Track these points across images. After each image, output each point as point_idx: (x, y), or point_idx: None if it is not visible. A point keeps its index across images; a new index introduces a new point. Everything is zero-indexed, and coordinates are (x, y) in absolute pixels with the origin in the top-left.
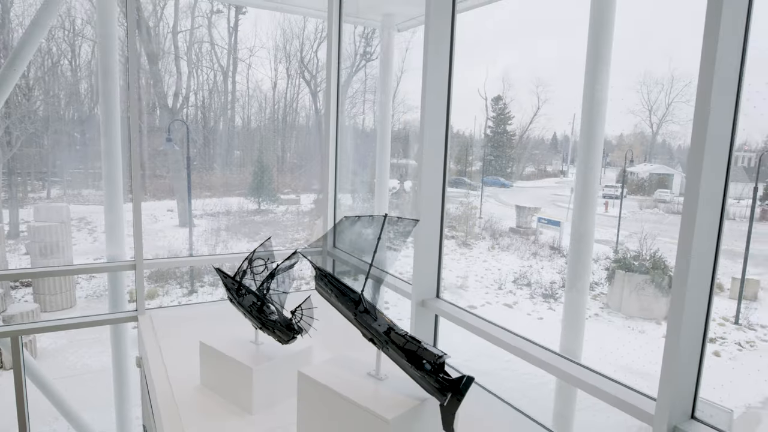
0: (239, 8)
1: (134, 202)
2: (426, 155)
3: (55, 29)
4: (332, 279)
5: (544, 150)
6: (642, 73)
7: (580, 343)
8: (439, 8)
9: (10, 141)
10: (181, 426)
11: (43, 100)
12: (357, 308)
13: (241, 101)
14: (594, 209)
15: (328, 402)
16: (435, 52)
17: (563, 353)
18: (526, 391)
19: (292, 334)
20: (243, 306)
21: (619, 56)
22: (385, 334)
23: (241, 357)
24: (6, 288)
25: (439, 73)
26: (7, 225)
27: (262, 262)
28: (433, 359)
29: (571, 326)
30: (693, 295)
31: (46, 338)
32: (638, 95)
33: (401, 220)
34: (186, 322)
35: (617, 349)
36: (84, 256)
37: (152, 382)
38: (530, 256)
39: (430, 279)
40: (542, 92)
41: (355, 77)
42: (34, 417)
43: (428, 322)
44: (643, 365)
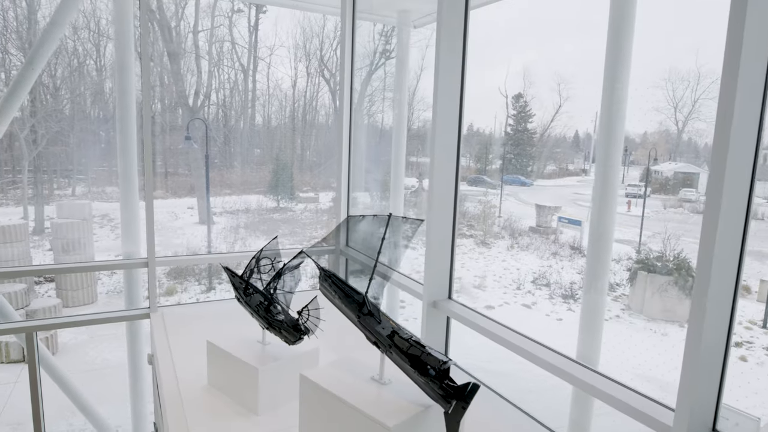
0: (260, 7)
1: (146, 200)
2: (438, 154)
3: (80, 30)
4: (336, 280)
5: (565, 148)
6: (667, 70)
7: (598, 346)
8: (451, 5)
9: (36, 139)
10: (186, 425)
11: (70, 99)
12: (360, 310)
13: (261, 99)
14: (614, 208)
15: (330, 406)
16: (447, 49)
17: (580, 357)
18: (543, 393)
19: (299, 335)
20: (250, 305)
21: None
22: (388, 337)
23: (247, 357)
24: (30, 283)
25: (451, 71)
26: (33, 221)
27: (268, 262)
28: (438, 365)
29: (589, 329)
30: (715, 297)
31: (68, 333)
32: (663, 92)
33: (406, 220)
34: (198, 320)
35: (640, 354)
36: (105, 253)
37: (160, 380)
38: (550, 255)
39: (441, 280)
40: (564, 89)
41: (374, 75)
42: (53, 411)
43: (440, 324)
44: (668, 371)
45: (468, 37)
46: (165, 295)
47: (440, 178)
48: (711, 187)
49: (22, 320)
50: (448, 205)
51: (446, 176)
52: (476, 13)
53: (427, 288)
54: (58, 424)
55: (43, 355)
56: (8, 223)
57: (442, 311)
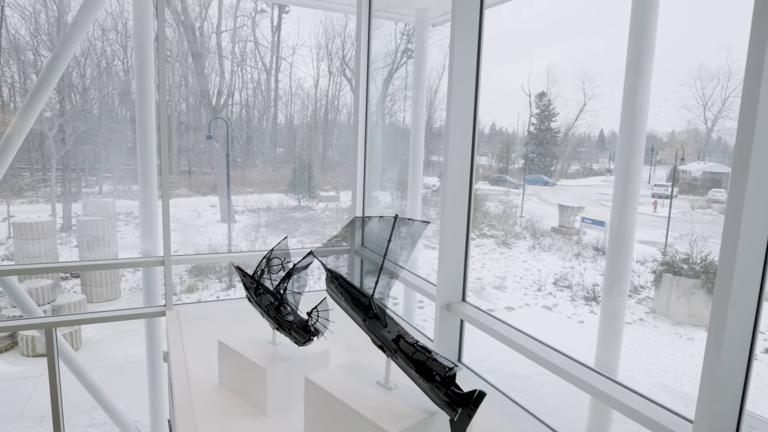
0: (282, 7)
1: (163, 200)
2: (451, 154)
3: (108, 31)
4: (343, 281)
5: (590, 147)
6: (696, 67)
7: (618, 351)
8: (466, 4)
9: (64, 138)
10: (195, 424)
11: (98, 99)
12: (366, 313)
13: (284, 99)
14: (635, 208)
15: (334, 410)
16: (462, 48)
17: (598, 363)
18: (562, 397)
19: (308, 336)
20: (261, 306)
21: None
22: (393, 341)
23: (256, 357)
24: (56, 279)
25: (466, 70)
26: (61, 218)
27: (278, 262)
28: (443, 371)
29: (609, 334)
30: (738, 300)
31: (91, 329)
32: (692, 90)
33: (412, 222)
34: (212, 319)
35: (664, 358)
36: (129, 250)
37: (172, 378)
38: (572, 257)
39: (455, 282)
40: (588, 88)
41: (396, 74)
42: (76, 405)
43: (453, 326)
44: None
45: (483, 36)
46: (186, 292)
47: (454, 178)
48: (734, 184)
49: (42, 316)
50: (462, 205)
51: (460, 176)
52: (498, 11)
53: (440, 290)
54: (80, 418)
55: (65, 350)
56: (36, 220)
57: (456, 314)
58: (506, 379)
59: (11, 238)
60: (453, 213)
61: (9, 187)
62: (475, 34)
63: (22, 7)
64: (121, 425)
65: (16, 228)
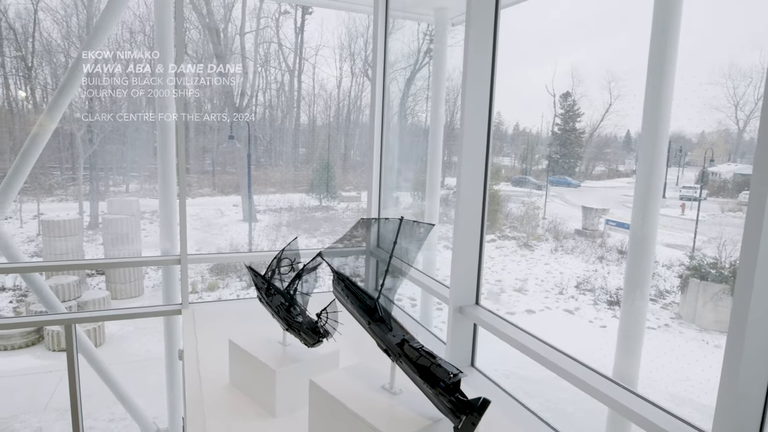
0: (305, 8)
1: (179, 200)
2: (466, 155)
3: (136, 33)
4: (349, 283)
5: (616, 148)
6: (727, 65)
7: (638, 358)
8: (480, 3)
9: (92, 138)
10: (204, 423)
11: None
12: (372, 316)
13: (306, 99)
14: (657, 211)
15: (337, 414)
16: (476, 49)
17: (617, 370)
18: (581, 404)
19: (318, 337)
20: (271, 306)
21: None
22: (398, 345)
23: (265, 358)
24: (82, 276)
25: (480, 71)
26: (89, 216)
27: (288, 262)
28: (447, 377)
29: (629, 340)
30: (759, 308)
31: (114, 325)
32: (723, 89)
33: (418, 224)
34: (227, 317)
35: (688, 364)
36: (153, 248)
37: (185, 376)
38: (596, 260)
39: (468, 285)
40: (615, 87)
41: (418, 74)
42: (96, 400)
43: (466, 330)
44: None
45: (498, 37)
46: (207, 290)
47: (468, 179)
48: (755, 185)
49: (62, 312)
50: (476, 207)
51: (474, 178)
52: (522, 11)
53: (453, 292)
54: (101, 412)
55: (86, 346)
56: (63, 218)
57: (469, 317)
58: (523, 384)
59: (40, 236)
60: (467, 215)
61: (39, 186)
62: (491, 35)
63: (54, 10)
64: (139, 421)
65: (44, 225)
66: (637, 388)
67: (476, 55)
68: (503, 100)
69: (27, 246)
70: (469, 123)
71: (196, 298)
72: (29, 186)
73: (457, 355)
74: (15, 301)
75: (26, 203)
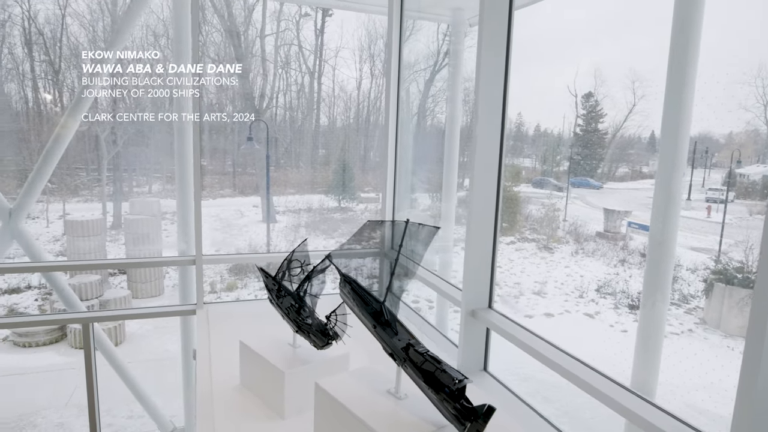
0: (326, 11)
1: (195, 201)
2: (479, 156)
3: (160, 37)
4: (356, 286)
5: (640, 149)
6: (757, 65)
7: (656, 366)
8: (494, 3)
9: (116, 140)
10: (212, 423)
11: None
12: (378, 319)
13: (327, 101)
14: (677, 212)
15: (341, 418)
16: (490, 51)
17: (636, 377)
18: (599, 409)
19: (327, 340)
20: (281, 307)
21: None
22: (403, 350)
23: (275, 359)
24: (104, 275)
25: (494, 72)
26: (112, 217)
27: (298, 264)
28: (452, 383)
29: (647, 346)
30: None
31: (134, 324)
32: (752, 89)
33: (422, 227)
34: (241, 318)
35: (713, 370)
36: (173, 248)
37: (196, 377)
38: (618, 263)
39: (481, 288)
40: (639, 87)
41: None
42: (116, 397)
43: (479, 334)
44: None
45: (512, 38)
46: (226, 290)
47: (481, 181)
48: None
49: (80, 311)
50: (489, 209)
51: (487, 179)
52: (543, 12)
53: (466, 296)
54: (119, 409)
55: (105, 344)
56: (87, 218)
57: (481, 321)
58: (541, 388)
59: (65, 235)
60: (480, 217)
61: (66, 186)
62: (504, 35)
63: (81, 15)
64: (156, 419)
65: (68, 225)
66: (655, 396)
67: (489, 56)
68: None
69: (53, 245)
70: (482, 124)
71: (215, 298)
72: (56, 187)
73: (469, 360)
74: (40, 299)
75: (53, 203)
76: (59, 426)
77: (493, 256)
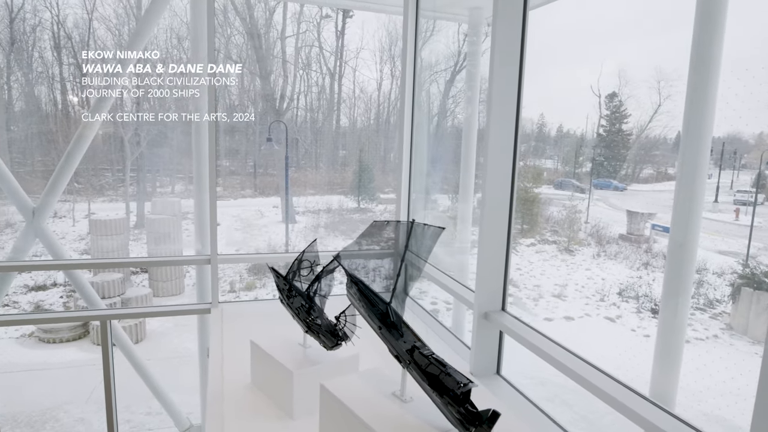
0: (347, 12)
1: (210, 201)
2: (491, 156)
3: (184, 39)
4: (363, 286)
5: (665, 150)
6: None
7: (676, 374)
8: (507, 4)
9: (139, 141)
10: (222, 422)
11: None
12: (383, 321)
13: (347, 102)
14: (699, 214)
15: (345, 419)
16: (503, 50)
17: (654, 384)
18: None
19: (336, 340)
20: (292, 307)
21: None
22: (408, 352)
23: (284, 359)
24: (127, 273)
25: (508, 71)
26: (135, 216)
27: (308, 264)
28: (456, 387)
29: (666, 352)
30: None
31: (155, 321)
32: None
33: (427, 227)
34: (255, 318)
35: (740, 375)
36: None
37: (209, 375)
38: (641, 266)
39: (494, 290)
40: (664, 87)
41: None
42: (135, 393)
43: (491, 337)
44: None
45: (526, 37)
46: (245, 290)
47: (494, 182)
48: None
49: (98, 309)
50: (503, 210)
51: (501, 179)
52: (565, 8)
53: (478, 298)
54: (138, 405)
55: (124, 341)
56: (111, 218)
57: (494, 324)
58: (560, 392)
59: (90, 234)
60: (492, 218)
61: (92, 186)
62: (518, 35)
63: (108, 19)
64: (173, 415)
65: (92, 225)
66: (675, 404)
67: (503, 57)
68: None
69: (78, 244)
70: (496, 125)
71: (234, 297)
72: (82, 187)
73: (481, 363)
74: (65, 296)
75: (79, 203)
76: (80, 421)
77: (506, 258)
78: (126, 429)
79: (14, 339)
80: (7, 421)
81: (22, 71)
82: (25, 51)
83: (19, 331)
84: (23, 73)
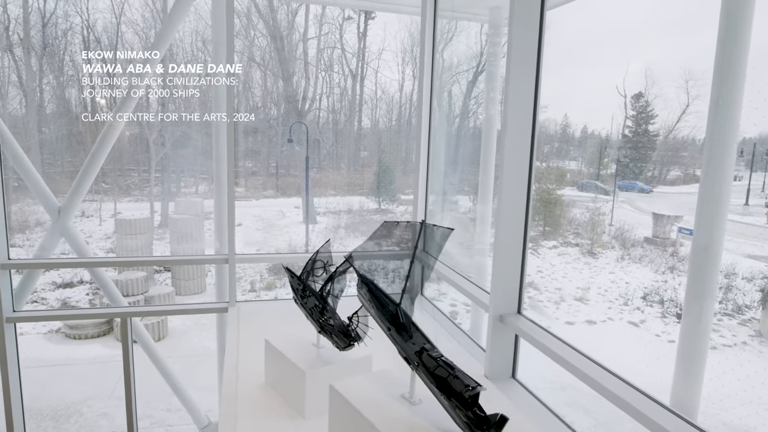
0: (368, 13)
1: (228, 201)
2: (508, 156)
3: (208, 42)
4: (373, 287)
5: (694, 152)
6: None
7: (699, 383)
8: (524, 4)
9: (164, 142)
10: (235, 421)
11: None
12: (393, 322)
13: (369, 103)
14: (724, 216)
15: (354, 421)
16: (520, 50)
17: (676, 392)
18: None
19: (349, 341)
20: (305, 308)
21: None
22: (416, 354)
23: (297, 359)
24: (150, 272)
25: (525, 70)
26: (159, 216)
27: (321, 264)
28: (464, 390)
29: (688, 360)
30: None
31: (177, 320)
32: None
33: (436, 228)
34: (271, 317)
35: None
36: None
37: (222, 374)
38: (666, 270)
39: (510, 292)
40: (693, 87)
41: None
42: (156, 390)
43: (507, 340)
44: None
45: (543, 37)
46: (265, 289)
47: (510, 181)
48: None
49: (118, 306)
50: (519, 211)
51: (517, 180)
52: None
53: (494, 300)
54: (159, 402)
55: (144, 338)
56: (136, 217)
57: (510, 327)
58: (580, 398)
59: (115, 233)
60: (509, 219)
61: (118, 187)
62: (535, 35)
63: (135, 23)
64: (192, 413)
65: (118, 224)
66: (697, 412)
67: (520, 57)
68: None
69: (104, 243)
70: (512, 126)
71: (254, 296)
72: (110, 187)
73: (496, 366)
74: (91, 294)
75: (106, 203)
76: (103, 416)
77: (522, 260)
78: (147, 424)
79: (42, 335)
80: (34, 415)
81: (53, 74)
82: (57, 55)
83: (46, 327)
84: (54, 76)
